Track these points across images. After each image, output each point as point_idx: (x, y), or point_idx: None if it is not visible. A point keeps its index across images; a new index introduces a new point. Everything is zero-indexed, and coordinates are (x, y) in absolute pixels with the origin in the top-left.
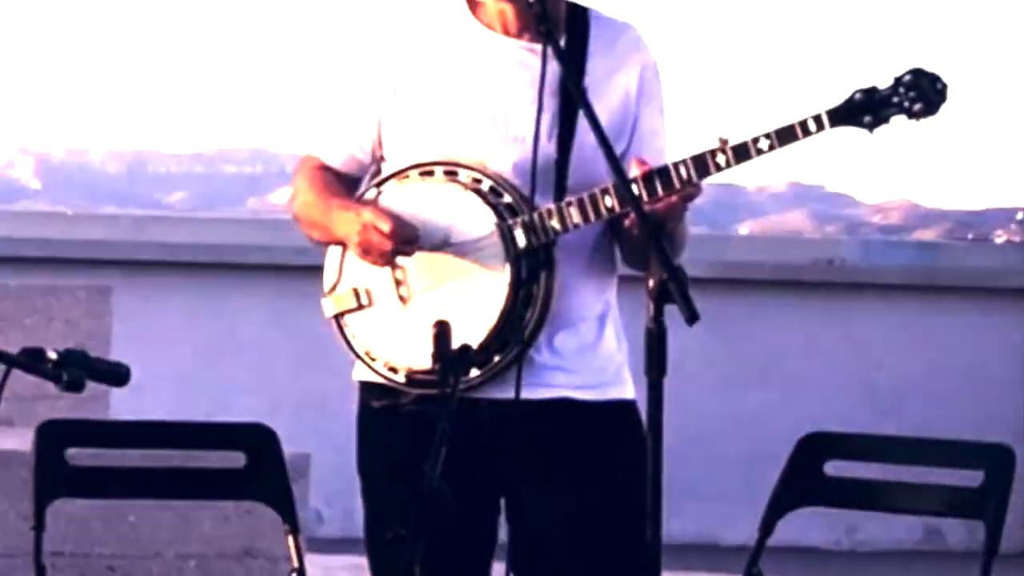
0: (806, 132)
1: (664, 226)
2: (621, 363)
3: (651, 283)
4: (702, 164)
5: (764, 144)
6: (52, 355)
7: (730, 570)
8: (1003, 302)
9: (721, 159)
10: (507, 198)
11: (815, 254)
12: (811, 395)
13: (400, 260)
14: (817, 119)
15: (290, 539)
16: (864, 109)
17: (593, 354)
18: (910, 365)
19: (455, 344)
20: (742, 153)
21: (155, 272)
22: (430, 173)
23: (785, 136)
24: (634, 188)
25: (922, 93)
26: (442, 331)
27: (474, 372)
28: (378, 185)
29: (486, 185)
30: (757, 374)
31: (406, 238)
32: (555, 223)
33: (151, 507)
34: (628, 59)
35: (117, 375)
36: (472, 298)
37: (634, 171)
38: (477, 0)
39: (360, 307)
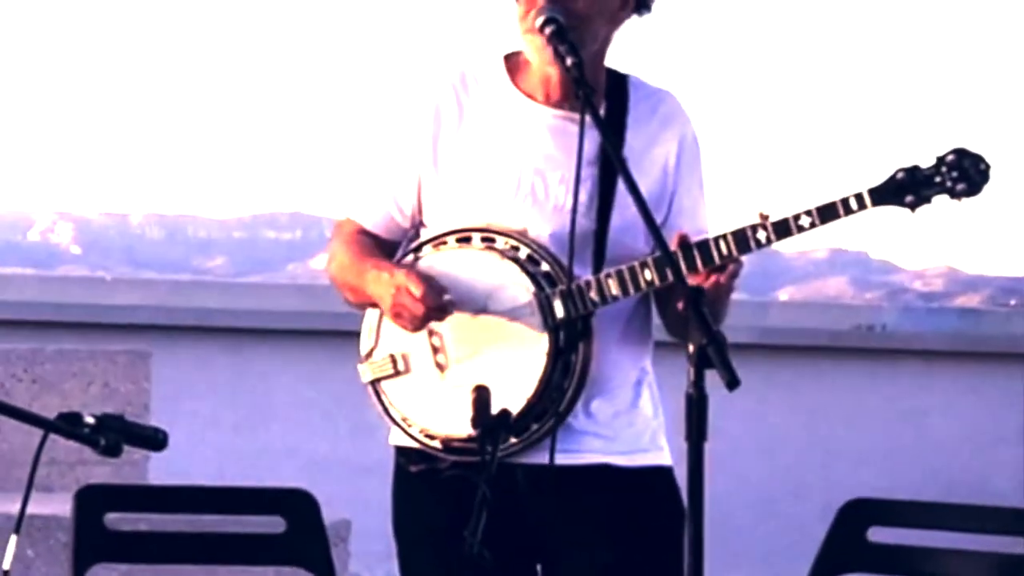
0: (848, 210)
1: (705, 295)
2: (657, 429)
3: (691, 348)
4: (742, 239)
5: (805, 221)
6: (89, 420)
7: None
8: None
9: (761, 235)
10: (545, 267)
11: (856, 320)
12: (852, 461)
13: (437, 327)
14: (859, 198)
15: None
16: (906, 188)
17: (629, 420)
18: (952, 432)
19: (494, 410)
20: (783, 230)
21: (194, 337)
22: (467, 240)
23: (826, 214)
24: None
25: (965, 173)
26: (481, 396)
27: (511, 440)
28: (415, 251)
29: (523, 253)
30: (798, 440)
31: (438, 303)
32: (594, 295)
33: (190, 572)
34: (667, 129)
35: (154, 440)
36: (510, 367)
37: (674, 245)
38: (519, 67)
39: (397, 373)
